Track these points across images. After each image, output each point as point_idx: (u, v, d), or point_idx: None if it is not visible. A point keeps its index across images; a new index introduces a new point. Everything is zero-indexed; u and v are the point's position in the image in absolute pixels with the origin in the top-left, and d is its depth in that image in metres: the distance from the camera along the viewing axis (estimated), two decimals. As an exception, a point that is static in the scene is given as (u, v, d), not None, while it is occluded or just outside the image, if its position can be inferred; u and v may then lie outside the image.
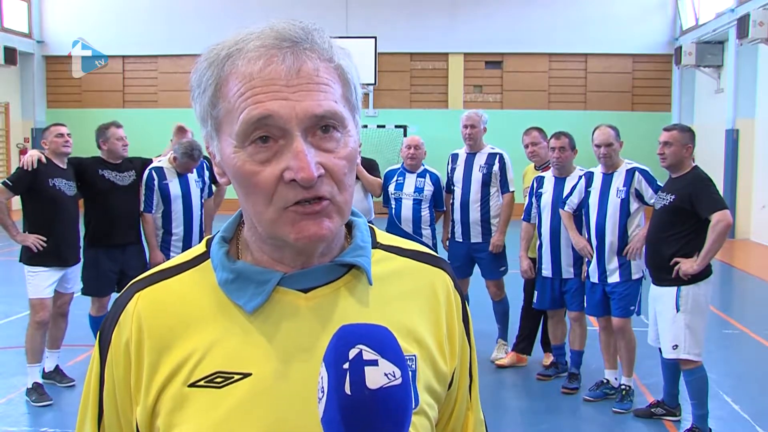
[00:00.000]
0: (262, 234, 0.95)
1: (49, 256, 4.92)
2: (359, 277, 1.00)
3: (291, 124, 0.87)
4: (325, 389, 0.79)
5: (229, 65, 0.90)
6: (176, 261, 1.03)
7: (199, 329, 0.95)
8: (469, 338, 1.10)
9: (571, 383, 5.24)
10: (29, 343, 4.93)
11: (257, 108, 0.87)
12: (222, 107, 0.91)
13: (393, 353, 0.80)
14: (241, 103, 0.88)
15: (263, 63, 0.88)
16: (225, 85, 0.90)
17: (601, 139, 4.86)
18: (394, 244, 1.08)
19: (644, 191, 4.79)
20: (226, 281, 0.96)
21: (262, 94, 0.88)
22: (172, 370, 0.94)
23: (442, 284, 1.07)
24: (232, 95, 0.89)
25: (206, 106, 0.93)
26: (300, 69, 0.89)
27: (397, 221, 5.90)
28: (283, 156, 0.88)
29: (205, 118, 0.94)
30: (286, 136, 0.88)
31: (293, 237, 0.90)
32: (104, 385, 0.98)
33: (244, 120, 0.88)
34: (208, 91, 0.92)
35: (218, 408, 0.91)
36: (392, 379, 0.78)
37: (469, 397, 1.12)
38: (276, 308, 0.95)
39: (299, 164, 0.86)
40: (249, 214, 0.95)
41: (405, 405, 0.79)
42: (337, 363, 0.79)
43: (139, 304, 0.98)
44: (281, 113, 0.87)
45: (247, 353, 0.93)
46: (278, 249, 0.96)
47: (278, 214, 0.90)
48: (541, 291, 5.42)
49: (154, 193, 5.38)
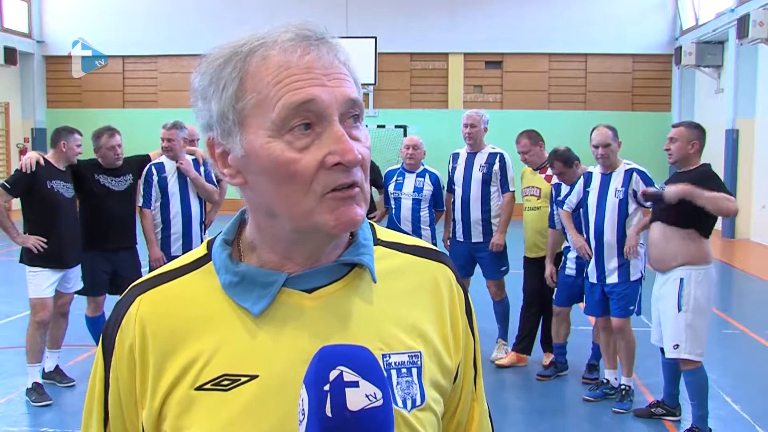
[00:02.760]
0: (287, 229, 0.94)
1: (49, 257, 4.91)
2: (363, 275, 1.00)
3: (331, 109, 0.89)
4: (305, 411, 0.79)
5: (258, 58, 0.90)
6: (177, 264, 1.02)
7: (204, 332, 0.95)
8: (473, 330, 1.10)
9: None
10: (29, 343, 4.93)
11: (299, 93, 0.88)
12: (250, 99, 0.90)
13: (374, 374, 0.80)
14: (279, 90, 0.88)
15: (301, 51, 0.90)
16: (253, 77, 0.90)
17: (599, 139, 4.86)
18: (395, 241, 1.08)
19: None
20: (230, 284, 0.96)
21: (302, 80, 0.89)
22: (178, 373, 0.93)
23: (445, 278, 1.07)
24: (264, 85, 0.89)
25: (228, 100, 0.91)
26: (332, 60, 0.92)
27: (397, 221, 5.90)
28: (323, 142, 0.89)
29: (224, 114, 0.92)
30: (323, 122, 0.89)
31: (332, 224, 0.90)
32: (109, 389, 0.98)
33: (284, 105, 0.88)
34: (232, 85, 0.91)
35: (226, 410, 0.91)
36: (373, 400, 0.78)
37: (474, 388, 1.12)
38: (281, 309, 0.95)
39: (344, 147, 0.88)
40: (278, 208, 0.93)
41: (386, 426, 0.79)
42: (317, 385, 0.79)
43: (141, 307, 0.97)
44: (323, 98, 0.89)
45: (253, 355, 0.93)
46: (293, 245, 0.96)
47: (317, 201, 0.90)
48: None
49: (152, 188, 5.36)
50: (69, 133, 5.05)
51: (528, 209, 5.78)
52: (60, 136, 5.01)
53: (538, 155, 5.74)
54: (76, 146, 5.05)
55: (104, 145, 5.17)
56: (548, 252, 5.55)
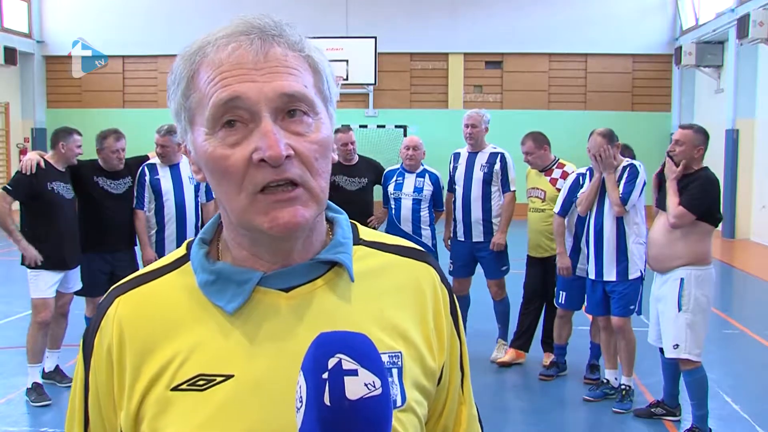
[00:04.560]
0: (237, 225, 0.94)
1: (49, 259, 4.90)
2: (341, 274, 0.98)
3: (259, 106, 0.87)
4: (303, 399, 0.78)
5: (200, 56, 0.91)
6: (157, 265, 1.02)
7: (181, 332, 0.94)
8: (458, 332, 1.08)
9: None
10: (30, 343, 4.92)
11: (225, 90, 0.87)
12: (193, 97, 0.91)
13: (373, 362, 0.79)
14: (211, 88, 0.89)
15: (231, 48, 0.89)
16: (197, 75, 0.91)
17: (591, 146, 4.90)
18: (377, 240, 1.06)
19: (620, 186, 4.77)
20: (206, 283, 0.95)
21: (230, 77, 0.88)
22: (154, 374, 0.93)
23: (428, 279, 1.05)
24: (202, 83, 0.90)
25: (180, 99, 0.93)
26: (268, 53, 0.89)
27: (397, 221, 5.90)
28: (252, 137, 0.88)
29: (179, 112, 0.94)
30: (254, 118, 0.88)
31: (267, 225, 0.89)
32: (89, 391, 0.98)
33: (213, 104, 0.88)
34: (182, 84, 0.92)
35: (201, 411, 0.91)
36: (372, 389, 0.77)
37: (462, 391, 1.10)
38: (257, 308, 0.94)
39: (267, 142, 0.86)
40: (223, 204, 0.93)
41: (385, 415, 0.78)
42: (315, 372, 0.77)
43: (119, 308, 0.97)
44: (249, 95, 0.87)
45: (228, 355, 0.92)
46: (256, 243, 0.95)
47: (249, 200, 0.89)
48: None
49: (145, 189, 5.34)
50: (68, 134, 5.03)
51: (532, 210, 5.78)
52: (59, 138, 5.00)
53: (542, 158, 5.73)
54: (75, 147, 5.03)
55: (108, 147, 5.15)
56: (558, 240, 5.32)
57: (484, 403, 5.03)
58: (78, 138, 5.07)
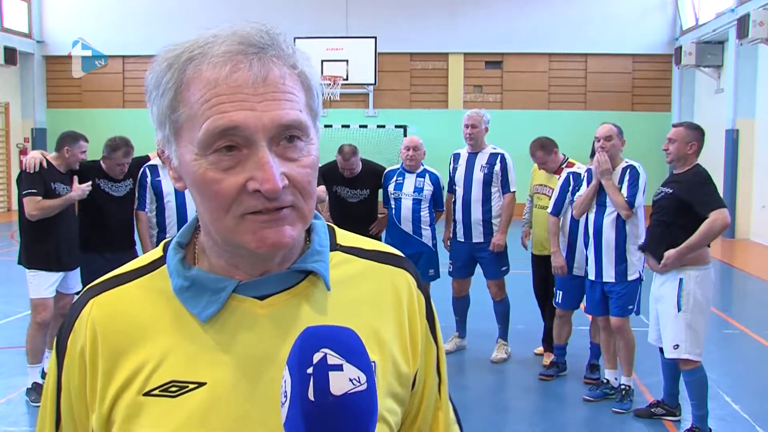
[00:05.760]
0: (219, 241, 0.93)
1: (47, 260, 4.90)
2: (317, 282, 0.98)
3: (257, 135, 0.85)
4: (288, 394, 0.78)
5: (192, 69, 0.87)
6: (132, 266, 1.01)
7: (154, 337, 0.93)
8: (435, 337, 1.07)
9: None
10: (30, 343, 4.92)
11: (222, 118, 0.85)
12: (183, 112, 0.88)
13: (358, 357, 0.79)
14: (206, 111, 0.85)
15: (229, 69, 0.86)
16: (187, 89, 0.87)
17: (602, 132, 4.86)
18: (354, 246, 1.05)
19: (624, 189, 4.79)
20: (181, 288, 0.95)
21: (228, 102, 0.85)
22: (126, 378, 0.92)
23: (404, 284, 1.04)
24: (194, 101, 0.87)
25: (165, 110, 0.90)
26: (266, 77, 0.86)
27: (397, 221, 5.91)
28: (247, 165, 0.86)
29: (162, 122, 0.91)
30: (250, 145, 0.86)
31: (254, 245, 0.88)
32: (61, 391, 0.97)
33: (208, 129, 0.85)
34: (168, 94, 0.89)
35: (173, 417, 0.90)
36: (357, 384, 0.77)
37: (439, 396, 1.09)
38: (232, 316, 0.94)
39: (264, 175, 0.84)
40: (204, 219, 0.92)
41: (370, 411, 0.78)
42: (300, 367, 0.77)
43: (93, 310, 0.96)
44: (248, 124, 0.85)
45: (202, 362, 0.92)
46: (236, 255, 0.94)
47: (236, 221, 0.87)
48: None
49: (146, 190, 5.34)
50: (75, 140, 5.00)
51: (539, 207, 5.76)
52: (65, 142, 4.99)
53: (555, 161, 5.71)
54: (80, 153, 5.02)
55: (116, 159, 5.14)
56: (553, 240, 5.33)
57: (484, 403, 5.04)
58: (84, 144, 5.05)
